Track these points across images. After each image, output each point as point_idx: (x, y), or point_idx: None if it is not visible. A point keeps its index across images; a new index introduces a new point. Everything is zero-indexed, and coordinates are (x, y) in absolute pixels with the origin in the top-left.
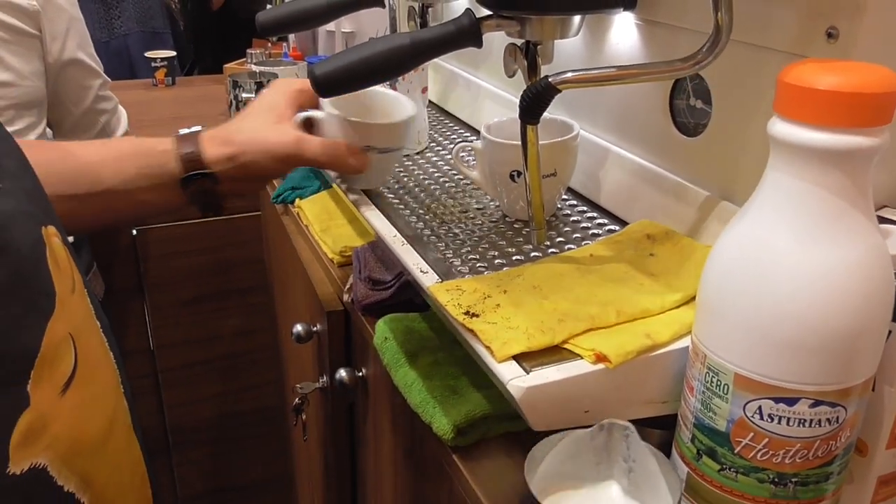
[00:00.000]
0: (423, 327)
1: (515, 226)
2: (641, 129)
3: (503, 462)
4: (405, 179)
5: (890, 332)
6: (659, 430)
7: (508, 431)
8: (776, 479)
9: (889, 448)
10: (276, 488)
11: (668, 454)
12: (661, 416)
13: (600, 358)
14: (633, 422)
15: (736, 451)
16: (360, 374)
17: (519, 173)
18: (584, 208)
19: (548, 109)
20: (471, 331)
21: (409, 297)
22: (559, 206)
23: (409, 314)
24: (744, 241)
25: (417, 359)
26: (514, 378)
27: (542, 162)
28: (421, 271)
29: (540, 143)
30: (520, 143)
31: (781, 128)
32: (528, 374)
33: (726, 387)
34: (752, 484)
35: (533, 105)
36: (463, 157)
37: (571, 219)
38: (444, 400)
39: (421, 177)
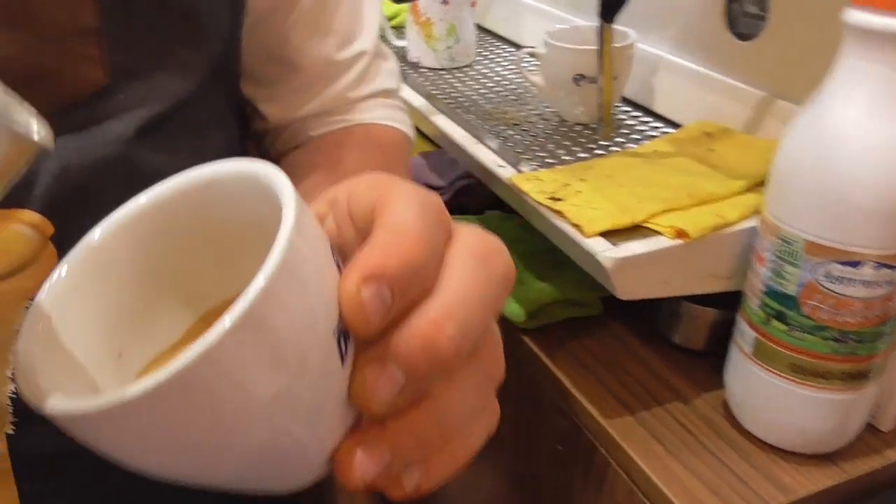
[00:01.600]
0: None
1: (576, 128)
2: (697, 36)
3: (568, 342)
4: (461, 89)
5: None
6: (713, 309)
7: (571, 317)
8: (838, 337)
9: None
10: None
11: (721, 332)
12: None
13: (679, 233)
14: (691, 299)
15: (804, 313)
16: None
17: (582, 76)
18: (638, 114)
19: None
20: (558, 212)
21: (462, 202)
22: (613, 112)
23: (467, 217)
24: (818, 120)
25: None
26: (604, 251)
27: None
28: (499, 166)
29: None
30: (584, 48)
31: (858, 16)
32: (615, 247)
33: (797, 254)
34: (817, 342)
35: (614, 3)
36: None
37: (626, 122)
38: (512, 290)
39: (475, 87)
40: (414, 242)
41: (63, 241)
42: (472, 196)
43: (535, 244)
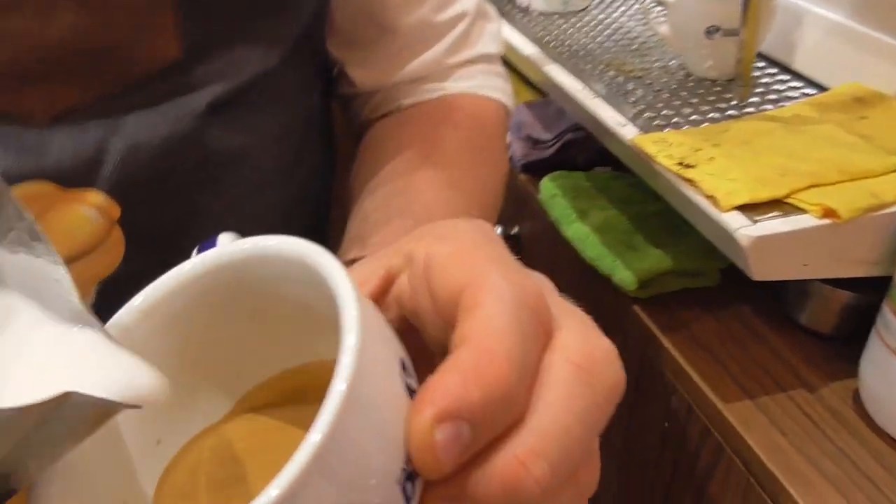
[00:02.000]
0: (588, 186)
1: (704, 85)
2: None
3: (683, 314)
4: (575, 36)
5: None
6: (847, 292)
7: (686, 288)
8: None
9: None
10: None
11: (853, 316)
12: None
13: (828, 213)
14: (826, 282)
15: None
16: (513, 232)
17: (716, 28)
18: (775, 71)
19: None
20: (689, 180)
21: (569, 156)
22: None
23: (574, 172)
24: None
25: (588, 215)
26: (741, 227)
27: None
28: (619, 124)
29: None
30: None
31: None
32: (753, 224)
33: None
34: None
35: None
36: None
37: (762, 80)
38: (621, 254)
39: (590, 34)
40: (505, 366)
41: (129, 224)
42: (581, 150)
43: (647, 206)
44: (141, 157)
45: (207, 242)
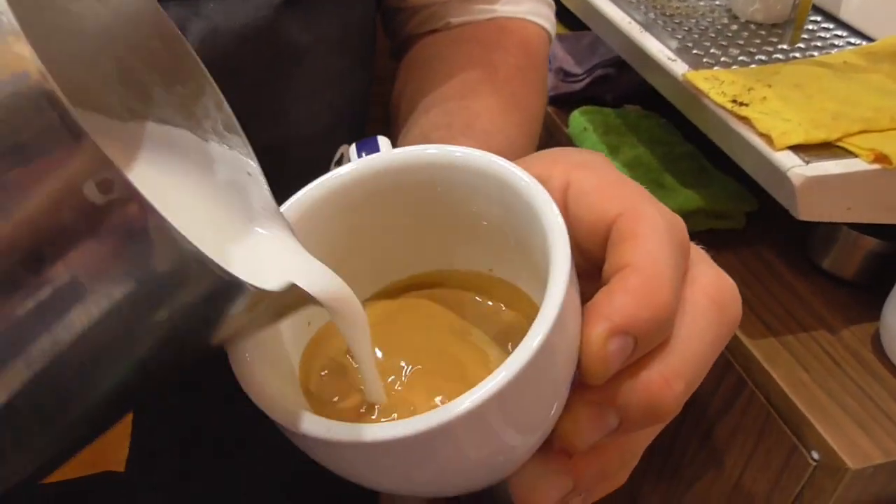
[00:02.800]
0: (618, 122)
1: (750, 27)
2: None
3: (708, 253)
4: None
5: None
6: (874, 238)
7: (712, 228)
8: None
9: None
10: None
11: (876, 263)
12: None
13: (879, 158)
14: (852, 227)
15: None
16: None
17: None
18: (818, 18)
19: None
20: (744, 118)
21: (598, 92)
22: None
23: (604, 108)
24: None
25: (618, 151)
26: (794, 167)
27: None
28: (669, 59)
29: None
30: None
31: None
32: (806, 164)
33: None
34: None
35: None
36: None
37: (807, 27)
38: (652, 192)
39: None
40: (668, 293)
41: None
42: (611, 87)
43: (675, 148)
44: (219, 41)
45: (366, 142)
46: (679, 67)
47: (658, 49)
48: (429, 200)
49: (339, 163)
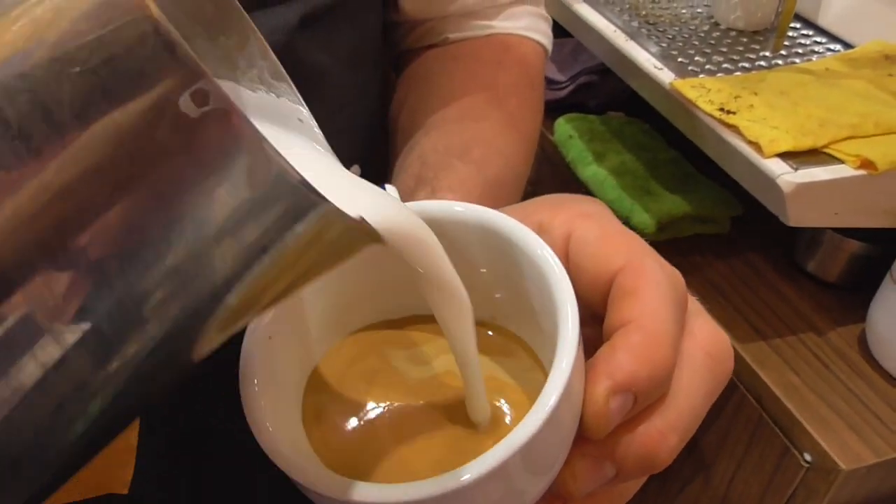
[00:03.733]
0: (603, 129)
1: (731, 35)
2: None
3: (696, 258)
4: None
5: None
6: (857, 241)
7: (698, 233)
8: None
9: None
10: None
11: (859, 265)
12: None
13: (865, 164)
14: (836, 231)
15: None
16: None
17: None
18: (798, 25)
19: None
20: (732, 126)
21: (581, 100)
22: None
23: (588, 115)
24: None
25: (604, 158)
26: (784, 174)
27: None
28: (655, 67)
29: None
30: None
31: None
32: (795, 171)
33: None
34: None
35: None
36: None
37: (788, 34)
38: (639, 197)
39: None
40: (669, 350)
41: None
42: (593, 94)
43: (660, 153)
44: None
45: None
46: (665, 76)
47: (644, 58)
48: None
49: None
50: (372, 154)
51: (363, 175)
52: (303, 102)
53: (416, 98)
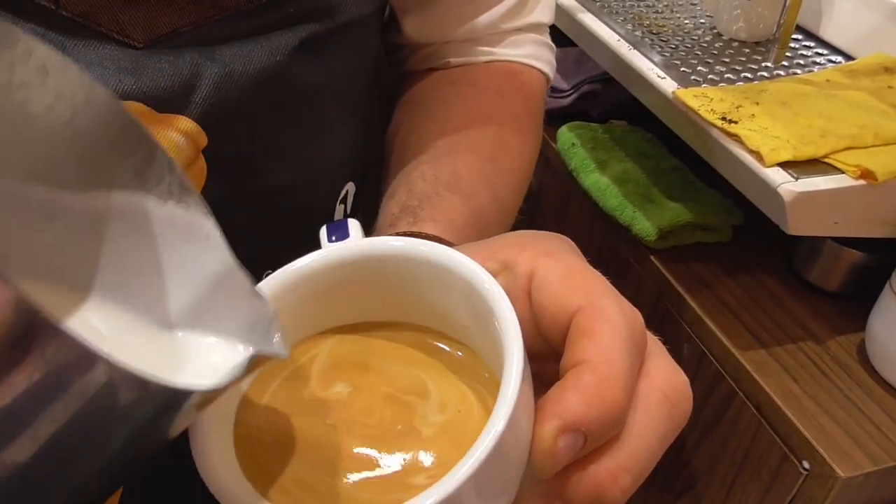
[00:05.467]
0: (605, 138)
1: (733, 45)
2: None
3: (697, 266)
4: None
5: None
6: (857, 251)
7: (699, 241)
8: None
9: None
10: None
11: (859, 275)
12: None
13: (864, 174)
14: (836, 240)
15: None
16: None
17: None
18: (799, 36)
19: None
20: (734, 135)
21: (584, 108)
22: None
23: (591, 124)
24: None
25: (607, 167)
26: (784, 182)
27: None
28: (658, 77)
29: None
30: None
31: None
32: (796, 180)
33: None
34: None
35: None
36: None
37: (790, 45)
38: (641, 205)
39: None
40: (620, 392)
41: (211, 155)
42: (596, 102)
43: (662, 162)
44: (234, 85)
45: (337, 225)
46: (668, 85)
47: (648, 67)
48: (394, 289)
49: (344, 201)
50: (368, 173)
51: (357, 194)
52: (210, 214)
53: (412, 122)
